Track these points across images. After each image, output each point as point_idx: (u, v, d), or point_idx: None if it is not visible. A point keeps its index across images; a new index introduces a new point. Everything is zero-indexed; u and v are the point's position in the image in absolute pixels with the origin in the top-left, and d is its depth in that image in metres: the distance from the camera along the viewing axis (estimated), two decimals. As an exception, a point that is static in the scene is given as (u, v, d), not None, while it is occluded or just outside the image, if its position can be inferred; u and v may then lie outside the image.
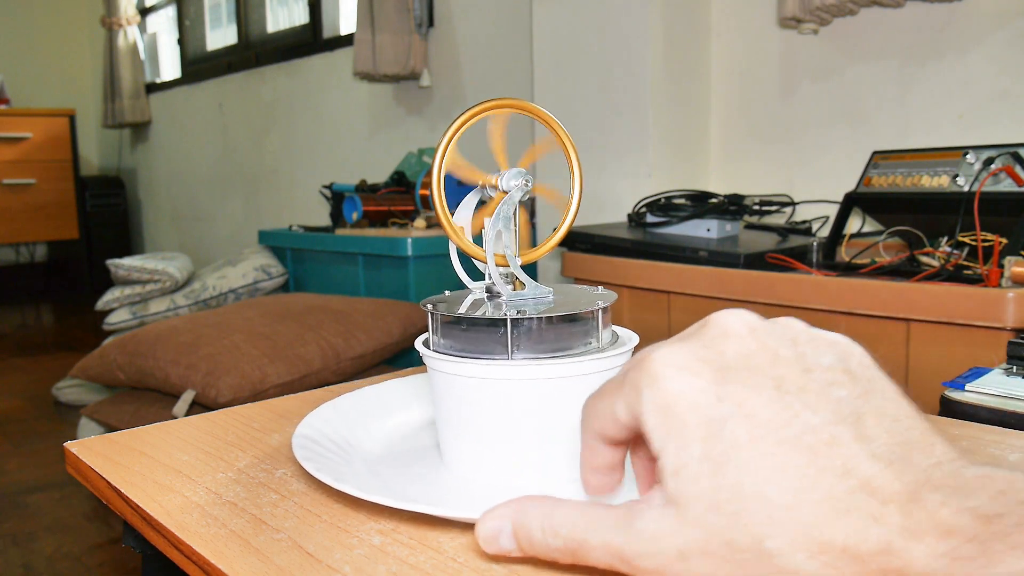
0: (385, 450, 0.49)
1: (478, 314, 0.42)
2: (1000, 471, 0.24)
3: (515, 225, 0.45)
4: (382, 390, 0.56)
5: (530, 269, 0.44)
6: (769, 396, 0.26)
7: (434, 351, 0.44)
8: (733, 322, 0.29)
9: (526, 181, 0.45)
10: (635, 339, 0.46)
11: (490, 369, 0.41)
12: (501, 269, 0.46)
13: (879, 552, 0.23)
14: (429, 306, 0.45)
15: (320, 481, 0.41)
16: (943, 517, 0.22)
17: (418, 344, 0.46)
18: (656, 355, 0.28)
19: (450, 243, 0.47)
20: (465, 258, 0.47)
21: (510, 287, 0.46)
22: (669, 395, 0.27)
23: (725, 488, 0.25)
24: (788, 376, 0.26)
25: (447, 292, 0.49)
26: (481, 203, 0.47)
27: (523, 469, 0.43)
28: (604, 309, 0.44)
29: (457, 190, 2.08)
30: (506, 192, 0.45)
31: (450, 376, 0.43)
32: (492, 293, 0.46)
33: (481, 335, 0.42)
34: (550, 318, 0.42)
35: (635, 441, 0.32)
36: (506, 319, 0.42)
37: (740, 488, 0.24)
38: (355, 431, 0.50)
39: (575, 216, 0.48)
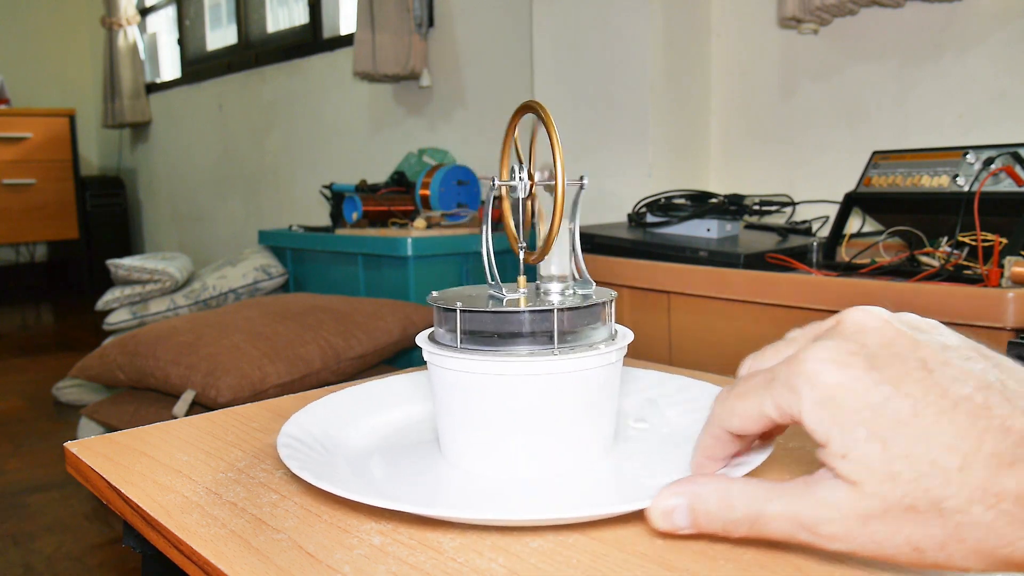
0: (383, 449, 0.49)
1: (481, 308, 0.42)
2: None
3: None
4: (375, 388, 0.56)
5: (530, 269, 0.45)
6: (920, 375, 0.29)
7: (437, 344, 0.44)
8: (866, 317, 0.32)
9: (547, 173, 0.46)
10: (630, 336, 0.46)
11: (488, 364, 0.41)
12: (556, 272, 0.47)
13: None
14: (435, 293, 0.45)
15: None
16: None
17: (419, 340, 0.46)
18: (806, 354, 0.30)
19: (484, 240, 0.47)
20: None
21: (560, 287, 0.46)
22: (829, 388, 0.29)
23: (897, 459, 0.28)
24: (930, 356, 0.29)
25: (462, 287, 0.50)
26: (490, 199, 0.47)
27: (526, 462, 0.43)
28: (606, 305, 0.44)
29: (457, 189, 2.08)
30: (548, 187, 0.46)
31: (452, 371, 0.43)
32: (541, 291, 0.46)
33: (482, 328, 0.43)
34: (552, 311, 0.42)
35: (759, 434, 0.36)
36: (506, 312, 0.42)
37: (911, 458, 0.28)
38: (346, 429, 0.50)
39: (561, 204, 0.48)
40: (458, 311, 0.43)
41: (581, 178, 0.47)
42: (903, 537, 0.28)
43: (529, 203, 0.47)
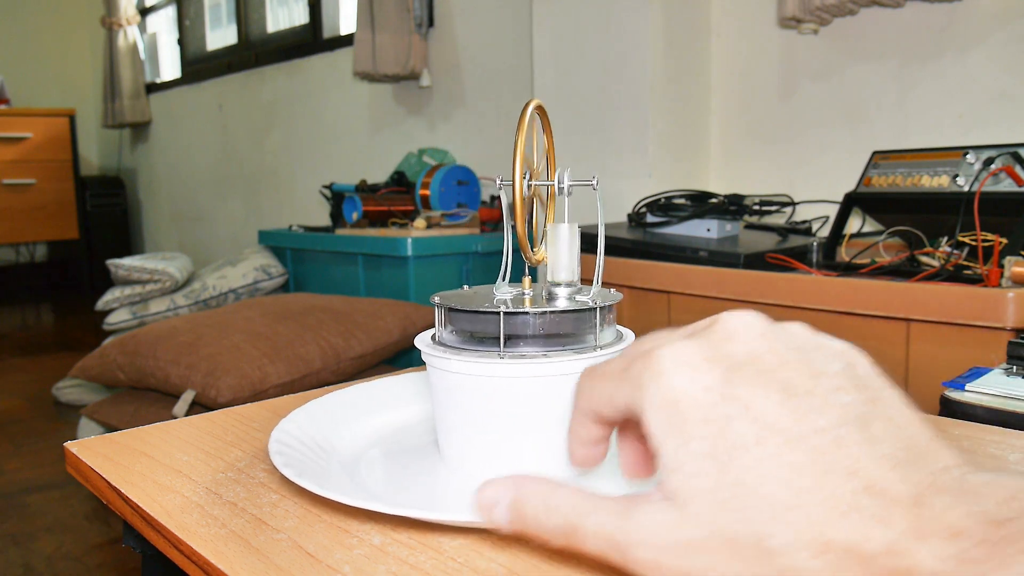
0: (382, 451, 0.49)
1: (480, 308, 0.42)
2: (1008, 477, 0.23)
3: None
4: (373, 389, 0.56)
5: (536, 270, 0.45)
6: (777, 398, 0.26)
7: (437, 345, 0.44)
8: (741, 324, 0.28)
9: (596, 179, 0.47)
10: (631, 337, 0.46)
11: (489, 366, 0.41)
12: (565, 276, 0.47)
13: (884, 553, 0.23)
14: (436, 299, 0.45)
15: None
16: (951, 520, 0.22)
17: (418, 342, 0.46)
18: (663, 351, 0.28)
19: (507, 242, 0.48)
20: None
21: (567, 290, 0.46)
22: (674, 392, 0.26)
23: (728, 486, 0.25)
24: (795, 380, 0.26)
25: (465, 287, 0.49)
26: (493, 198, 0.47)
27: (527, 464, 0.43)
28: (609, 307, 0.44)
29: (457, 189, 2.08)
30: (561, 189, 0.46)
31: (451, 373, 0.43)
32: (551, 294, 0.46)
33: (483, 329, 0.42)
34: (554, 313, 0.42)
35: (625, 423, 0.32)
36: (502, 313, 0.42)
37: (743, 486, 0.24)
38: (344, 431, 0.50)
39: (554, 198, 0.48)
40: (458, 313, 0.43)
41: (593, 178, 0.46)
42: (718, 574, 0.25)
43: (536, 203, 0.47)
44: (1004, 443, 0.48)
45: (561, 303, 0.43)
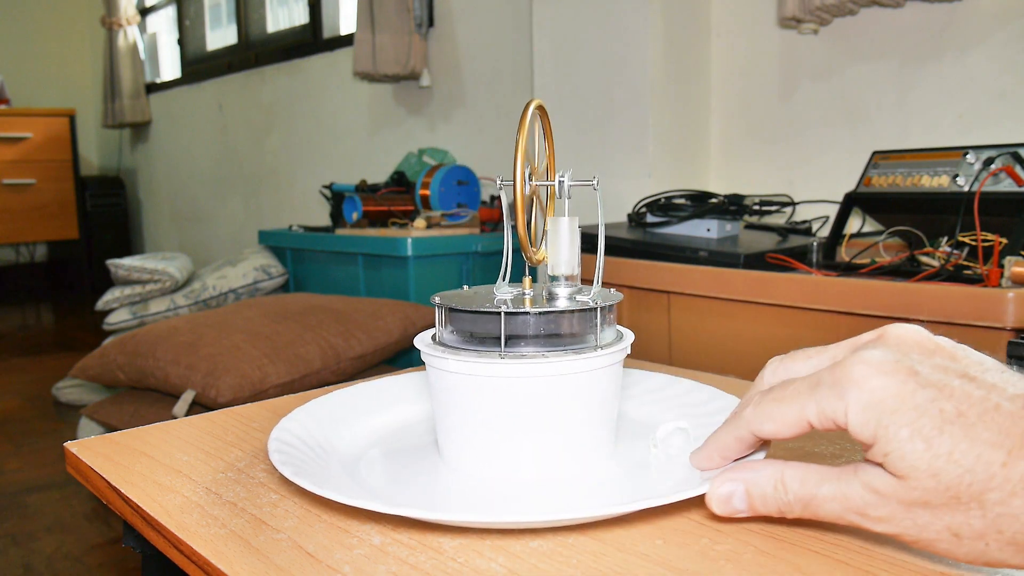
0: (382, 451, 0.48)
1: (481, 308, 0.42)
2: None
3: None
4: (372, 388, 0.56)
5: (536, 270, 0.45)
6: (961, 382, 0.31)
7: (437, 345, 0.44)
8: (908, 331, 0.34)
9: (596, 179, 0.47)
10: (630, 338, 0.46)
11: (489, 366, 0.41)
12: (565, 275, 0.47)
13: None
14: (437, 299, 0.45)
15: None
16: None
17: (418, 342, 0.46)
18: (852, 361, 0.32)
19: (507, 242, 0.48)
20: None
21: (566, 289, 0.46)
22: (874, 392, 0.31)
23: (940, 457, 0.30)
24: (969, 366, 0.32)
25: (465, 287, 0.49)
26: (493, 198, 0.47)
27: (526, 464, 0.43)
28: (610, 307, 0.44)
29: (457, 189, 2.08)
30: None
31: (451, 374, 0.43)
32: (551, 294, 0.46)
33: (483, 329, 0.42)
34: (554, 313, 0.42)
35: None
36: (503, 313, 0.41)
37: (954, 455, 0.30)
38: (343, 430, 0.49)
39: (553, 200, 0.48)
40: (458, 313, 0.43)
41: (594, 178, 0.46)
42: (943, 524, 0.30)
43: (536, 203, 0.47)
44: (1004, 443, 0.48)
45: (561, 303, 0.43)
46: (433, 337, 0.46)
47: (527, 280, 0.46)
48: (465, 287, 0.49)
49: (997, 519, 0.29)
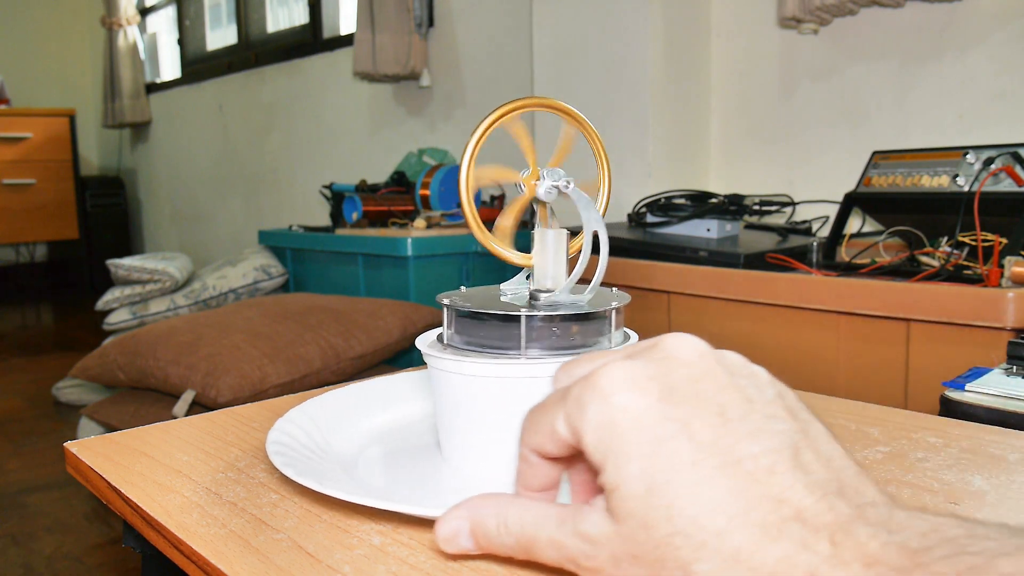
0: (383, 450, 0.48)
1: (486, 309, 0.42)
2: (931, 514, 0.24)
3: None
4: (371, 388, 0.56)
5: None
6: (713, 421, 0.26)
7: (447, 347, 0.44)
8: (682, 346, 0.29)
9: (568, 182, 0.45)
10: (634, 339, 0.46)
11: (493, 367, 0.41)
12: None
13: None
14: (445, 300, 0.45)
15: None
16: (870, 549, 0.23)
17: (419, 343, 0.46)
18: (603, 371, 0.28)
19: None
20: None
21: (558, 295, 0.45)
22: (614, 410, 0.27)
23: (660, 508, 0.25)
24: (732, 404, 0.27)
25: (463, 288, 0.49)
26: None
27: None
28: (617, 309, 0.44)
29: (456, 189, 2.09)
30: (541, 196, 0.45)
31: (453, 374, 0.43)
32: (535, 298, 0.45)
33: (491, 332, 0.42)
34: (563, 316, 0.42)
35: (573, 457, 0.31)
36: (520, 315, 0.41)
37: (673, 511, 0.25)
38: (342, 430, 0.49)
39: (605, 211, 0.48)
40: (462, 314, 0.43)
41: (568, 183, 0.45)
42: None
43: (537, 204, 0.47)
44: (1004, 443, 0.48)
45: (568, 306, 0.43)
46: (439, 338, 0.46)
47: (531, 281, 0.46)
48: (463, 288, 0.49)
49: None
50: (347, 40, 2.98)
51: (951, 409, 0.65)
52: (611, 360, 0.29)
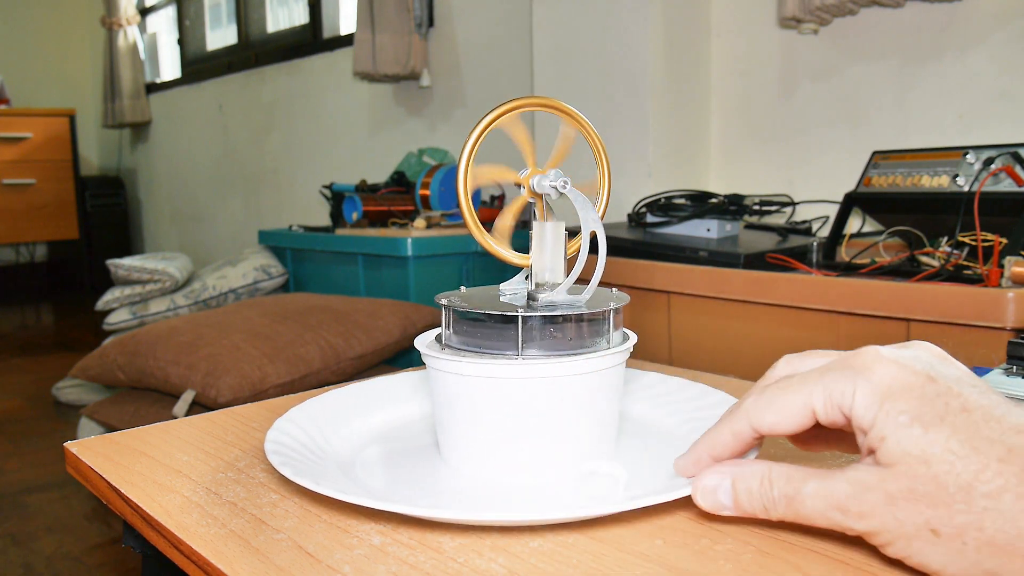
0: (382, 450, 0.48)
1: (485, 310, 0.42)
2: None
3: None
4: (371, 388, 0.56)
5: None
6: (971, 383, 0.31)
7: (443, 346, 0.44)
8: (932, 347, 0.35)
9: (565, 182, 0.45)
10: (633, 339, 0.46)
11: (493, 368, 0.41)
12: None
13: None
14: (444, 301, 0.45)
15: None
16: None
17: (418, 343, 0.46)
18: (867, 351, 0.33)
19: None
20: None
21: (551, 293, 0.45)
22: (884, 380, 0.31)
23: (937, 443, 0.30)
24: (976, 380, 0.32)
25: (463, 288, 0.49)
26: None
27: (527, 465, 0.43)
28: (616, 310, 0.44)
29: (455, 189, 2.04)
30: (540, 193, 0.45)
31: (452, 375, 0.43)
32: (533, 297, 0.45)
33: (489, 332, 0.42)
34: (561, 317, 0.42)
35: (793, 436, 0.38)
36: (516, 316, 0.41)
37: (951, 443, 0.29)
38: (341, 429, 0.49)
39: (604, 212, 0.48)
40: (462, 314, 0.43)
41: (564, 183, 0.45)
42: (923, 519, 0.30)
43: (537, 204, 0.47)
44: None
45: (566, 306, 0.43)
46: (438, 339, 0.46)
47: (529, 281, 0.46)
48: (462, 288, 0.49)
49: (982, 514, 0.28)
50: (347, 40, 2.98)
51: (951, 409, 0.65)
52: (861, 349, 0.34)
